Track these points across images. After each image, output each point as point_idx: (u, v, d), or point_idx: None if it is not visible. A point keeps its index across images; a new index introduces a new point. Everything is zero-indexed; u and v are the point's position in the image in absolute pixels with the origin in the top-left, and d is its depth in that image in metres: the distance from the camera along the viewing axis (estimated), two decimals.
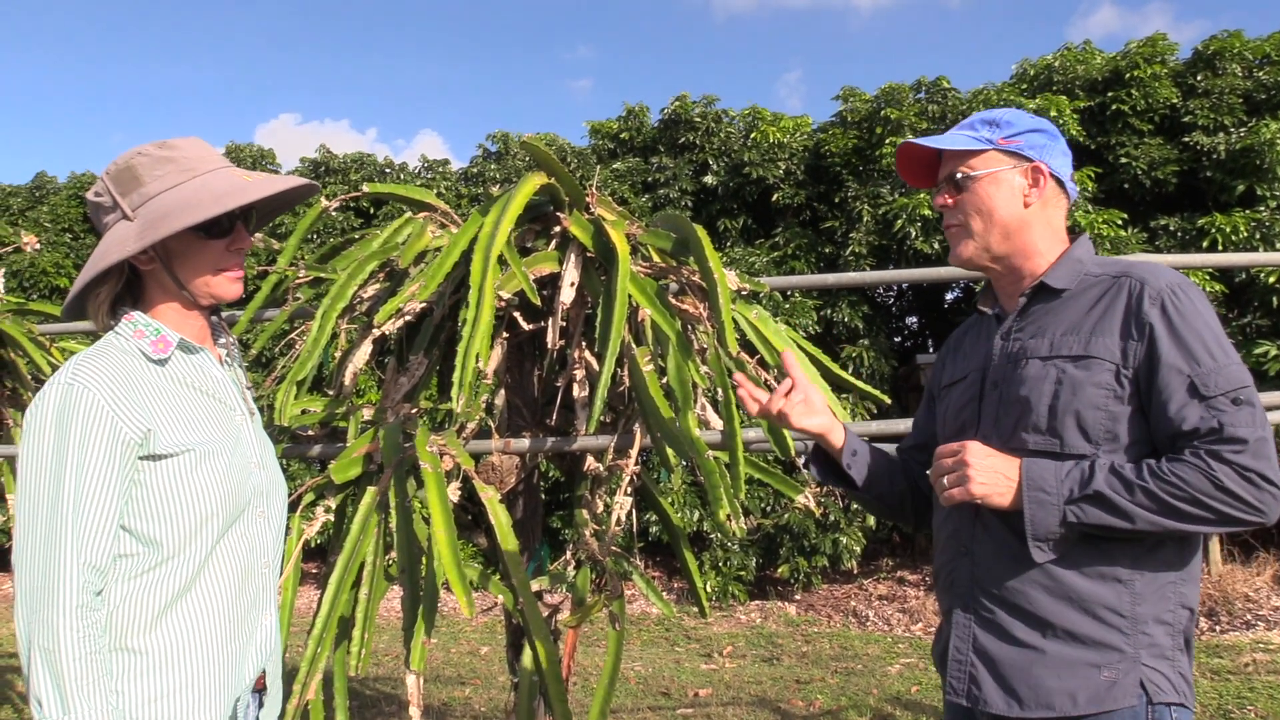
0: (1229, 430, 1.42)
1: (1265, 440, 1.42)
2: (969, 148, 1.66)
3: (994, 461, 1.52)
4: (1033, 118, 1.69)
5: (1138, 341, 1.49)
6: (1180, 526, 1.43)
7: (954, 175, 1.67)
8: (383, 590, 2.52)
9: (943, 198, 1.70)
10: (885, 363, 8.68)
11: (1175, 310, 1.48)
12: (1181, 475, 1.42)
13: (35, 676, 1.31)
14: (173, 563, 1.43)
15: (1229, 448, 1.41)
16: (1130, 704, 1.47)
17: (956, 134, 1.70)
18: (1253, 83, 8.64)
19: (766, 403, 1.78)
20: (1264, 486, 1.41)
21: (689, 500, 8.11)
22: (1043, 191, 1.64)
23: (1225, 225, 7.72)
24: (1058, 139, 1.69)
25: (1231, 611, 7.05)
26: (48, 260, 10.68)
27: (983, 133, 1.67)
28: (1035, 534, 1.49)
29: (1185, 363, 1.46)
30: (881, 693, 5.59)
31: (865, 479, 1.83)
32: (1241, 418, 1.43)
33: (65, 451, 1.35)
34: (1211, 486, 1.40)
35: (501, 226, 2.45)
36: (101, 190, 1.49)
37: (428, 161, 11.55)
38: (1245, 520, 1.43)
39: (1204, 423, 1.43)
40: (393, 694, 5.68)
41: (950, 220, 1.69)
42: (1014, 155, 1.65)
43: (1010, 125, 1.67)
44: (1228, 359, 1.47)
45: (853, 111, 9.53)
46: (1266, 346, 7.46)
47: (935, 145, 1.69)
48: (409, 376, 2.74)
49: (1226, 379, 1.45)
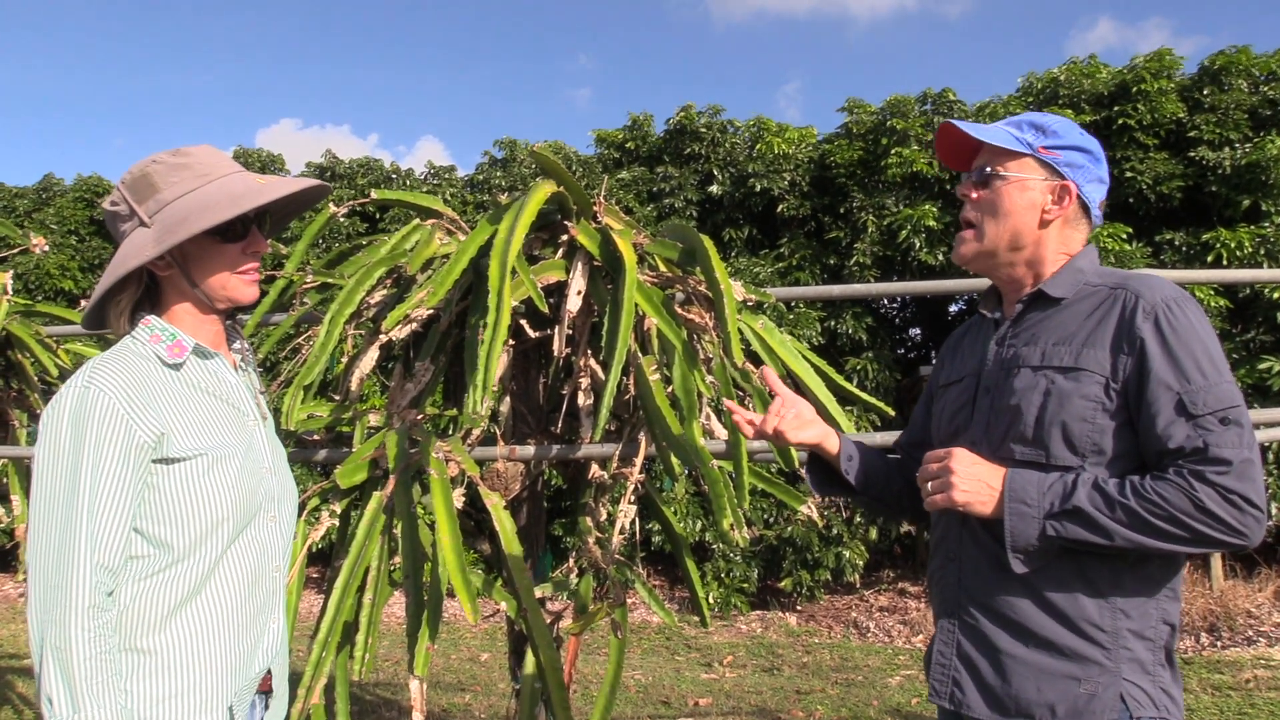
0: (1214, 450, 1.40)
1: (1251, 462, 1.41)
2: (1008, 146, 1.63)
3: (979, 470, 1.53)
4: (1082, 134, 1.66)
5: (1128, 355, 1.48)
6: (1160, 546, 1.42)
7: (985, 169, 1.65)
8: (387, 595, 2.53)
9: (967, 188, 1.68)
10: (889, 374, 8.68)
11: (1169, 325, 1.47)
12: (1163, 494, 1.40)
13: (46, 675, 1.32)
14: (183, 565, 1.45)
15: (1213, 468, 1.40)
16: (1110, 718, 1.47)
17: (1001, 129, 1.67)
18: (1259, 98, 8.65)
19: (761, 424, 1.79)
20: (1246, 509, 1.39)
21: (692, 510, 8.11)
22: (1064, 210, 1.62)
23: (1230, 241, 7.72)
24: (1100, 164, 1.65)
25: (1233, 627, 7.03)
26: (53, 262, 10.71)
27: (1026, 135, 1.64)
28: (1014, 545, 1.49)
29: (1175, 379, 1.44)
30: (882, 704, 5.57)
31: (862, 481, 1.84)
32: (1228, 438, 1.41)
33: (80, 453, 1.37)
34: (1192, 507, 1.39)
35: (516, 232, 2.46)
36: (118, 199, 1.51)
37: (434, 168, 11.58)
38: (1226, 543, 1.41)
39: (1189, 441, 1.42)
40: (393, 699, 5.68)
41: (967, 213, 1.68)
42: (1048, 168, 1.62)
43: (1056, 135, 1.63)
44: (1219, 377, 1.45)
45: (858, 123, 9.55)
46: (1270, 362, 7.46)
47: (977, 135, 1.66)
48: (415, 383, 2.74)
49: (1216, 397, 1.43)
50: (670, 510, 3.06)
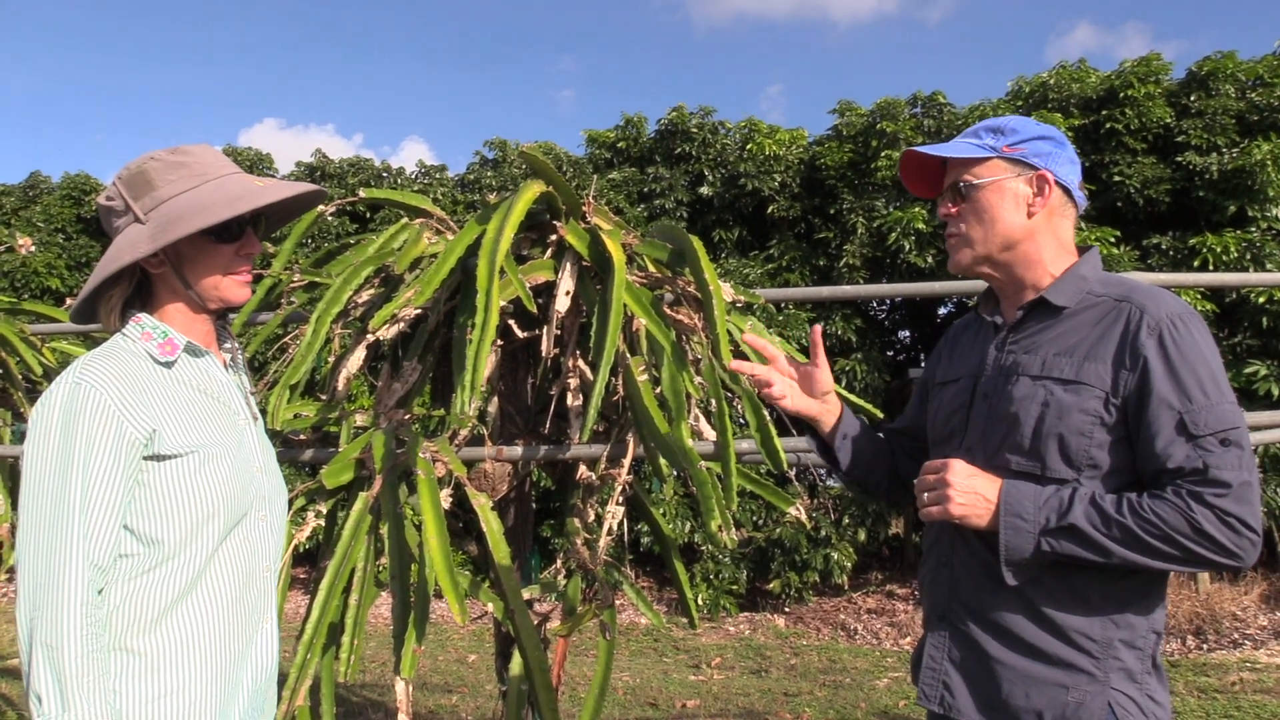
0: (1213, 472, 1.39)
1: (1249, 485, 1.40)
2: (972, 155, 1.62)
3: (975, 482, 1.52)
4: (1038, 125, 1.65)
5: (1130, 371, 1.47)
6: (1154, 564, 1.42)
7: (957, 184, 1.64)
8: (373, 597, 2.52)
9: (946, 207, 1.67)
10: (878, 376, 8.70)
11: (1173, 342, 1.45)
12: (1160, 514, 1.40)
13: (36, 673, 1.31)
14: (173, 564, 1.44)
15: (1211, 490, 1.39)
16: None
17: (960, 142, 1.67)
18: (1245, 104, 8.70)
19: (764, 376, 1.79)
20: (1243, 533, 1.39)
21: (681, 511, 8.11)
22: (1048, 200, 1.60)
23: (1216, 245, 7.77)
24: (1064, 146, 1.65)
25: (1219, 630, 7.06)
26: (40, 260, 10.65)
27: (986, 140, 1.64)
28: (1008, 559, 1.49)
29: (1176, 398, 1.43)
30: (869, 706, 5.58)
31: (849, 463, 1.85)
32: (1228, 460, 1.40)
33: (71, 450, 1.36)
34: (1189, 528, 1.38)
35: (505, 232, 2.45)
36: (113, 194, 1.51)
37: (424, 167, 11.56)
38: (1220, 564, 1.41)
39: (1189, 462, 1.41)
40: (379, 700, 5.66)
41: (952, 229, 1.66)
42: (1018, 163, 1.61)
43: (1015, 133, 1.63)
44: (1221, 397, 1.44)
45: (848, 125, 9.57)
46: (1256, 366, 7.51)
47: (938, 153, 1.66)
48: (402, 383, 2.73)
49: (1217, 418, 1.42)
50: (659, 512, 3.06)
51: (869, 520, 8.42)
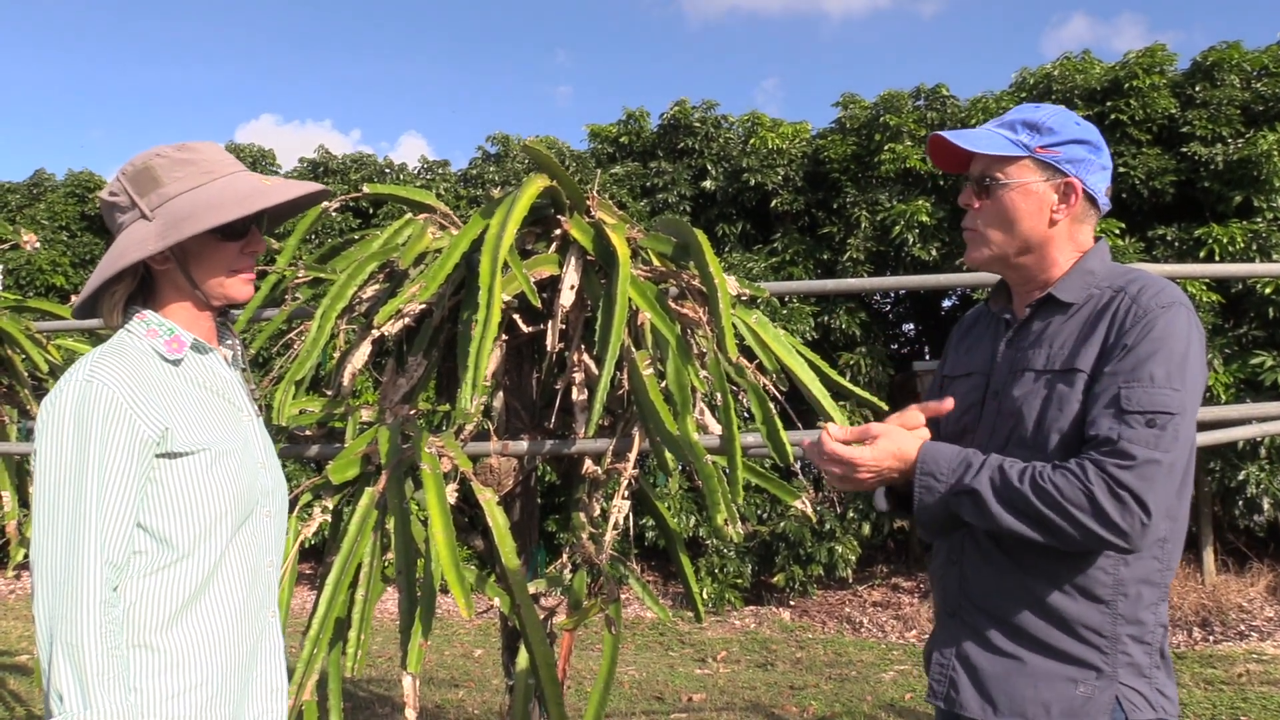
0: (1123, 444, 1.37)
1: (1157, 464, 1.36)
2: (1004, 153, 1.58)
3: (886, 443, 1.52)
4: (1078, 125, 1.60)
5: (1111, 352, 1.47)
6: (1038, 538, 1.40)
7: (983, 178, 1.60)
8: (379, 591, 2.52)
9: (968, 197, 1.63)
10: (882, 370, 8.69)
11: (1149, 324, 1.45)
12: (1057, 484, 1.38)
13: (57, 671, 1.32)
14: (187, 562, 1.44)
15: (1114, 460, 1.37)
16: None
17: (994, 132, 1.62)
18: (1251, 94, 8.66)
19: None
20: (1130, 507, 1.35)
21: (686, 505, 8.10)
22: (1073, 209, 1.58)
23: (1222, 236, 7.74)
24: (1100, 151, 1.60)
25: (1225, 622, 7.05)
26: (44, 258, 10.66)
27: (1021, 136, 1.59)
28: (920, 519, 1.51)
29: (1128, 374, 1.42)
30: (875, 699, 5.58)
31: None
32: (1143, 436, 1.37)
33: (86, 448, 1.36)
34: (1084, 499, 1.37)
35: (508, 227, 2.44)
36: (117, 190, 1.50)
37: (427, 162, 11.54)
38: (1109, 542, 1.38)
39: (1108, 432, 1.39)
40: (386, 695, 5.67)
41: (970, 223, 1.63)
42: (1049, 167, 1.57)
43: (1052, 133, 1.58)
44: (1171, 384, 1.41)
45: (852, 118, 9.54)
46: (1263, 356, 7.48)
47: (969, 147, 1.61)
48: (407, 378, 2.73)
49: (1154, 400, 1.39)
50: (664, 506, 3.06)
51: (873, 513, 8.42)
